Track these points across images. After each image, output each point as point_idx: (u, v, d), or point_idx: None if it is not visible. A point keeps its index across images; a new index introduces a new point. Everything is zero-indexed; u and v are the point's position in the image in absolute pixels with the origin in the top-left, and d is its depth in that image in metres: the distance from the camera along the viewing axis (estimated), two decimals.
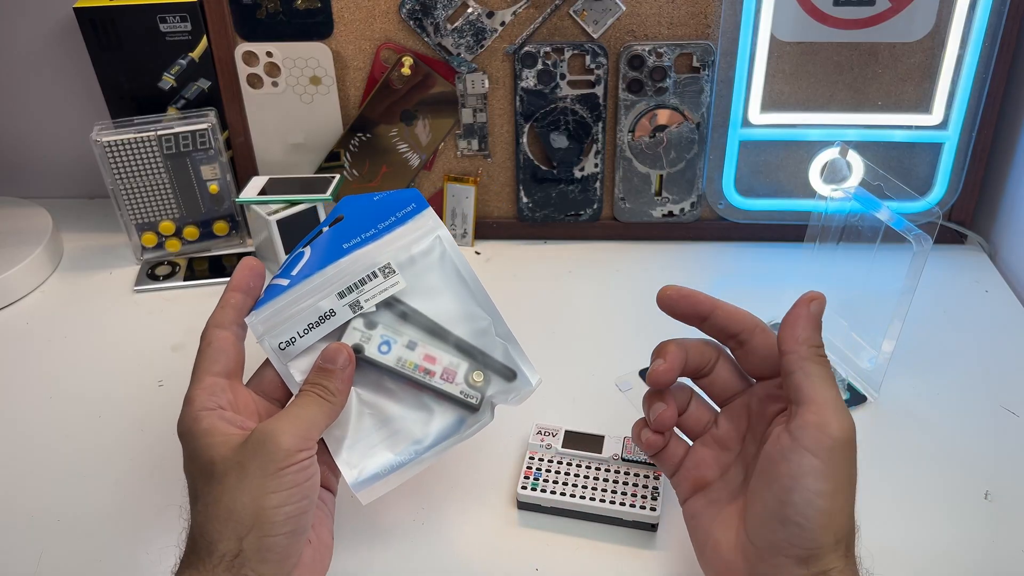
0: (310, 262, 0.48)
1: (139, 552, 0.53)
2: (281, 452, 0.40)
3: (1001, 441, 0.59)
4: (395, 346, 0.47)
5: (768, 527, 0.40)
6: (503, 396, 0.48)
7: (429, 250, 0.49)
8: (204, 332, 0.47)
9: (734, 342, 0.46)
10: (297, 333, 0.47)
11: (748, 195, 0.81)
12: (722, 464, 0.46)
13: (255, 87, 0.80)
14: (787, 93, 0.77)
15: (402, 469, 0.47)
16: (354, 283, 0.47)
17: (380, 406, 0.47)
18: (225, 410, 0.44)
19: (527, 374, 0.49)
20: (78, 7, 0.76)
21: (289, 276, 0.48)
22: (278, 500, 0.40)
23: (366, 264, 0.48)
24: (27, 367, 0.69)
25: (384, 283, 0.47)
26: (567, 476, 0.54)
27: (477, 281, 0.49)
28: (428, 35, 0.76)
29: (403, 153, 0.82)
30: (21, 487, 0.58)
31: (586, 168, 0.81)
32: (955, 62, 0.73)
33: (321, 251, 0.49)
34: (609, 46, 0.76)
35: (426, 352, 0.48)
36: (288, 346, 0.47)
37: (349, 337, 0.47)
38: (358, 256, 0.48)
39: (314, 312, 0.47)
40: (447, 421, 0.48)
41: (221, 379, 0.45)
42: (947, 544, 0.52)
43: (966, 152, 0.77)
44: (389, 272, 0.48)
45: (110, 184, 0.78)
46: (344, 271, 0.48)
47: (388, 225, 0.49)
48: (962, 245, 0.81)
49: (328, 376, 0.45)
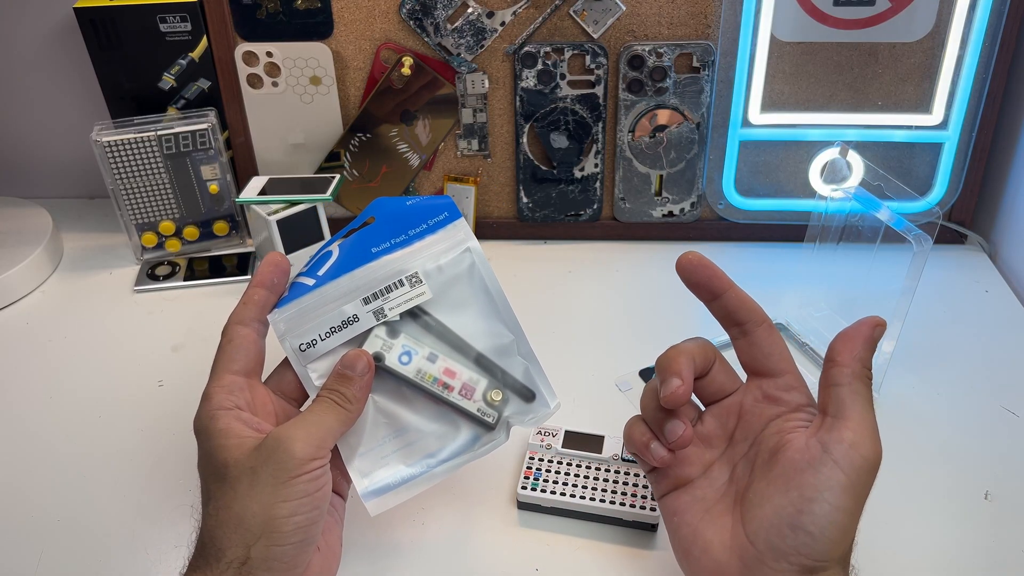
0: (337, 263, 0.48)
1: (139, 552, 0.53)
2: (294, 460, 0.40)
3: (1001, 441, 0.59)
4: (416, 357, 0.47)
5: (777, 532, 0.39)
6: (520, 417, 0.48)
7: (458, 262, 0.48)
8: (225, 328, 0.46)
9: (738, 330, 0.45)
10: (319, 336, 0.46)
11: (748, 195, 0.81)
12: (705, 462, 0.45)
13: (255, 87, 0.80)
14: (787, 93, 0.77)
15: (413, 482, 0.47)
16: (380, 290, 0.47)
17: (396, 416, 0.47)
18: (242, 410, 0.44)
19: (546, 396, 0.48)
20: (78, 7, 0.76)
21: (315, 276, 0.47)
22: (288, 510, 0.40)
23: (393, 271, 0.47)
24: (27, 367, 0.69)
25: (410, 292, 0.47)
26: (567, 476, 0.54)
27: (504, 297, 0.48)
28: (428, 35, 0.76)
29: (403, 153, 0.82)
30: (21, 487, 0.58)
31: (586, 168, 0.81)
32: (955, 62, 0.73)
33: (349, 253, 0.48)
34: (609, 46, 0.76)
35: (446, 366, 0.47)
36: (308, 348, 0.46)
37: (370, 345, 0.46)
38: (386, 262, 0.47)
39: (338, 316, 0.46)
40: (462, 437, 0.47)
41: (240, 377, 0.45)
42: (947, 544, 0.52)
43: (966, 152, 0.77)
44: (416, 282, 0.47)
45: (110, 184, 0.78)
46: (371, 276, 0.47)
47: (419, 232, 0.48)
48: (962, 245, 0.81)
49: (346, 383, 0.44)
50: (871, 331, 0.42)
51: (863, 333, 0.42)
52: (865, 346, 0.42)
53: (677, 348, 0.44)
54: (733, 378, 0.46)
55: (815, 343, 0.67)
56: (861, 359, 0.42)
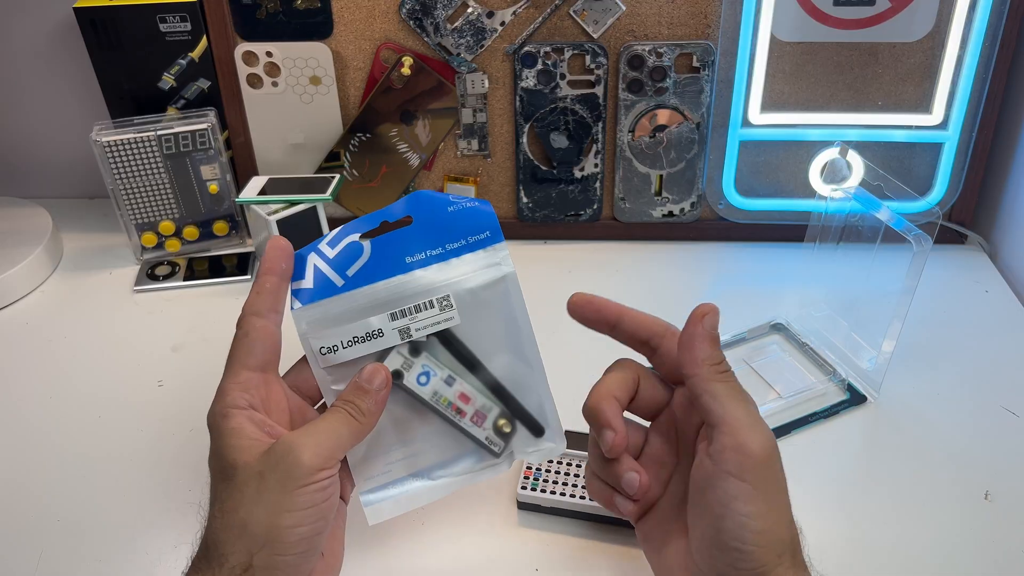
0: (368, 266, 0.46)
1: (139, 552, 0.53)
2: (302, 469, 0.39)
3: (1001, 441, 0.59)
4: (434, 379, 0.46)
5: (710, 554, 0.39)
6: (523, 451, 0.48)
7: (492, 287, 0.46)
8: (241, 319, 0.45)
9: (646, 349, 0.45)
10: (341, 343, 0.45)
11: (748, 195, 0.81)
12: (662, 480, 0.45)
13: (255, 87, 0.80)
14: (787, 93, 0.77)
15: (414, 493, 0.47)
16: (409, 308, 0.46)
17: (406, 426, 0.47)
18: (256, 410, 0.43)
19: (554, 434, 0.48)
20: (78, 7, 0.76)
21: (344, 275, 0.46)
22: (294, 519, 0.39)
23: (425, 288, 0.46)
24: (27, 367, 0.69)
25: (439, 315, 0.46)
26: (567, 476, 0.54)
27: (530, 328, 0.47)
28: (428, 35, 0.76)
29: (403, 153, 0.82)
30: (21, 487, 0.58)
31: (586, 168, 0.81)
32: (955, 62, 0.73)
33: (382, 256, 0.46)
34: (609, 46, 0.76)
35: (462, 391, 0.47)
36: (329, 353, 0.45)
37: (391, 361, 0.45)
38: (419, 276, 0.46)
39: (363, 327, 0.45)
40: (465, 459, 0.47)
41: (256, 374, 0.44)
42: (947, 544, 0.52)
43: (966, 152, 0.77)
44: (447, 306, 0.46)
45: (110, 184, 0.78)
46: (401, 290, 0.46)
47: (457, 249, 0.46)
48: (962, 245, 0.81)
49: (363, 396, 0.44)
50: (701, 326, 0.42)
51: (695, 333, 0.42)
52: (703, 344, 0.41)
53: (597, 394, 0.43)
54: (664, 388, 0.46)
55: (815, 343, 0.67)
56: (705, 359, 0.41)
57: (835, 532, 0.53)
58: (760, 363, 0.66)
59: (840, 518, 0.54)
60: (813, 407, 0.62)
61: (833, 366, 0.65)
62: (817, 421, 0.61)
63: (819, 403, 0.62)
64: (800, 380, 0.64)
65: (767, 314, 0.71)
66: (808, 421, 0.61)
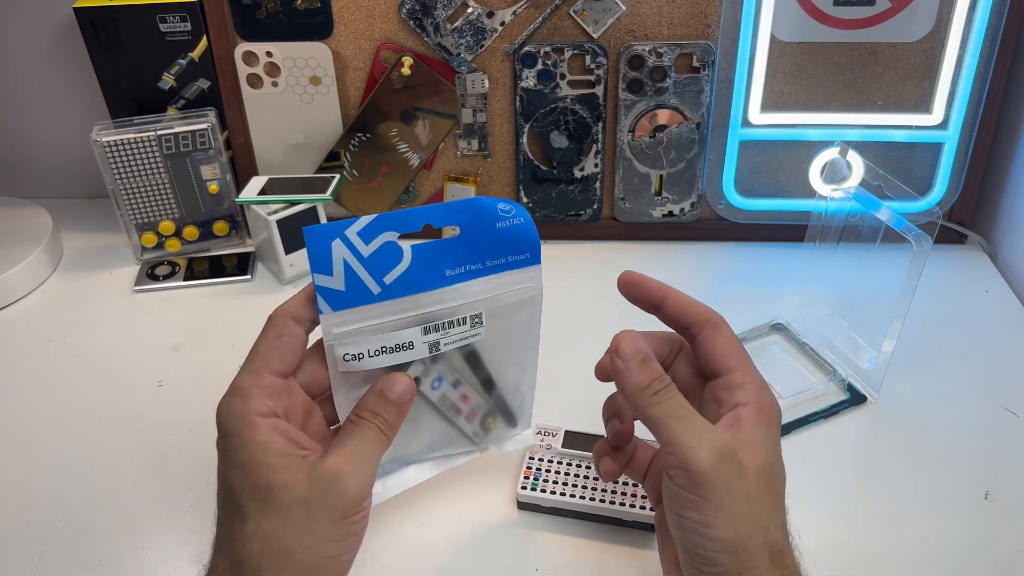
0: (407, 275, 0.43)
1: (139, 552, 0.53)
2: (350, 499, 0.39)
3: (1001, 441, 0.59)
4: (444, 383, 0.47)
5: (687, 564, 0.40)
6: (498, 441, 0.50)
7: (518, 308, 0.46)
8: (276, 318, 0.42)
9: (687, 334, 0.45)
10: (368, 351, 0.43)
11: (748, 195, 0.81)
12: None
13: (255, 87, 0.80)
14: (787, 93, 0.77)
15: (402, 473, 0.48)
16: (442, 323, 0.45)
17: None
18: (281, 419, 0.41)
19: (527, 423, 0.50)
20: (78, 7, 0.76)
21: (381, 282, 0.43)
22: (339, 549, 0.39)
23: (460, 304, 0.45)
24: (27, 367, 0.69)
25: (469, 331, 0.46)
26: (567, 476, 0.54)
27: (538, 340, 0.48)
28: (428, 35, 0.76)
29: (403, 153, 0.82)
30: (21, 487, 0.58)
31: (586, 168, 0.81)
32: (955, 62, 0.73)
33: (422, 267, 0.44)
34: (609, 46, 0.76)
35: (464, 392, 0.48)
36: (352, 360, 0.44)
37: (413, 369, 0.45)
38: (457, 291, 0.45)
39: (394, 339, 0.44)
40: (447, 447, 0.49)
41: (281, 380, 0.42)
42: (947, 544, 0.52)
43: (966, 152, 0.77)
44: (477, 323, 0.46)
45: (110, 184, 0.78)
46: (437, 304, 0.44)
47: (495, 266, 0.45)
48: (962, 245, 0.81)
49: (389, 407, 0.43)
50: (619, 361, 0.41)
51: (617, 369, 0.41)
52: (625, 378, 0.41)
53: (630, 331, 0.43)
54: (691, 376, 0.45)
55: (815, 343, 0.67)
56: (635, 384, 0.41)
57: (835, 532, 0.53)
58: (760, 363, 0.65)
59: (840, 518, 0.54)
60: (813, 407, 0.62)
61: (833, 366, 0.65)
62: (817, 421, 0.61)
63: (819, 403, 0.62)
64: (800, 380, 0.64)
65: (767, 314, 0.71)
66: (808, 421, 0.61)
